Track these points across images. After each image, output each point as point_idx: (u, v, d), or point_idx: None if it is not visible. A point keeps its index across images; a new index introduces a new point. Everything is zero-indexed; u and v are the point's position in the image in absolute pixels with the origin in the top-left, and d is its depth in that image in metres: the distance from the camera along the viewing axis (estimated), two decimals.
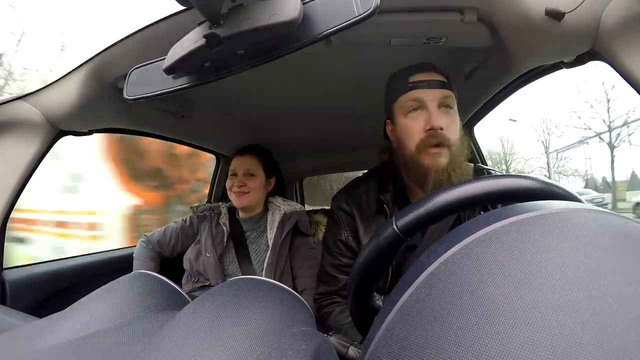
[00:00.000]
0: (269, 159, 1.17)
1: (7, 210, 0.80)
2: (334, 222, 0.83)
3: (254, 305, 0.33)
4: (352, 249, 0.80)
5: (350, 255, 0.81)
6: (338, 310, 0.80)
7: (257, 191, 1.10)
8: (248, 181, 1.08)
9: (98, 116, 0.86)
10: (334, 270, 0.82)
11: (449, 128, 0.68)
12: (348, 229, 0.80)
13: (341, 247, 0.81)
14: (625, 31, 0.52)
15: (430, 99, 0.68)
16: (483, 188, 0.34)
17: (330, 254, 0.83)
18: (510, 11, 0.60)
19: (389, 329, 0.20)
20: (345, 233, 0.80)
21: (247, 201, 1.08)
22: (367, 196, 0.80)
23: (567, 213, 0.21)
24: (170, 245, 1.13)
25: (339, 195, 0.84)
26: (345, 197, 0.82)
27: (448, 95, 0.69)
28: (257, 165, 1.11)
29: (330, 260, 0.83)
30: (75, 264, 1.08)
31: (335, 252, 0.82)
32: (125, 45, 0.68)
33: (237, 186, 1.08)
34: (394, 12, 0.63)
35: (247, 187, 1.08)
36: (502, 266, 0.18)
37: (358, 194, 0.81)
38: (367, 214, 0.78)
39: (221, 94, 1.12)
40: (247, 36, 0.39)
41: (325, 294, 0.84)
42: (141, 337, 0.31)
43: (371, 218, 0.78)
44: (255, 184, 1.09)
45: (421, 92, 0.68)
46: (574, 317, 0.14)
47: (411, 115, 0.69)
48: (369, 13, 0.37)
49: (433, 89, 0.68)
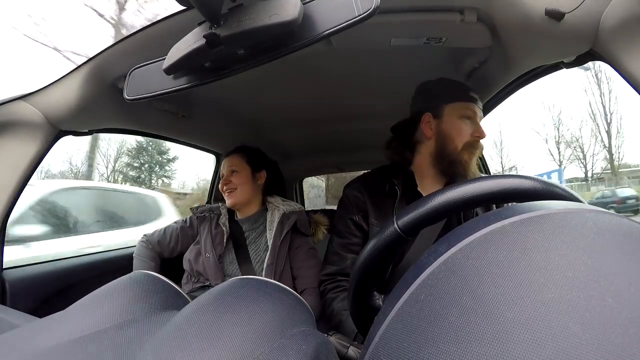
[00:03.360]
0: (254, 154, 1.17)
1: (7, 210, 0.80)
2: (344, 206, 0.90)
3: (254, 305, 0.33)
4: (360, 228, 0.86)
5: (359, 234, 0.87)
6: (342, 297, 0.82)
7: (243, 186, 1.10)
8: (233, 178, 1.10)
9: (98, 116, 0.86)
10: (342, 249, 0.87)
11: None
12: (358, 210, 0.87)
13: (350, 226, 0.87)
14: (625, 31, 0.52)
15: (478, 115, 0.86)
16: (484, 188, 0.34)
17: (339, 235, 0.89)
18: (510, 11, 0.60)
19: (388, 329, 0.20)
20: (355, 213, 0.87)
21: (235, 198, 1.09)
22: (377, 182, 0.88)
23: (567, 213, 0.21)
24: (170, 245, 1.13)
25: (351, 184, 0.92)
26: (358, 185, 0.90)
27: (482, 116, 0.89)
28: (240, 161, 1.12)
29: (338, 241, 0.88)
30: (75, 264, 1.08)
31: (345, 232, 0.87)
32: (125, 45, 0.68)
33: (223, 184, 1.10)
34: (394, 13, 0.63)
35: (233, 184, 1.09)
36: (502, 266, 0.18)
37: (369, 181, 0.90)
38: (377, 196, 0.86)
39: (221, 94, 1.12)
40: (247, 36, 0.39)
41: (331, 274, 0.87)
42: (141, 336, 0.31)
43: (380, 200, 0.86)
44: (240, 179, 1.10)
45: (476, 107, 0.85)
46: (573, 317, 0.14)
47: (466, 120, 0.84)
48: (369, 13, 0.37)
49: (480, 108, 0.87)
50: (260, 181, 1.15)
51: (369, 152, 1.78)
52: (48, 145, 0.83)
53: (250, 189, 1.12)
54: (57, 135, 0.84)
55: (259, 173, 1.15)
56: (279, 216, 1.08)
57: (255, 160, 1.15)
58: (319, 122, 1.43)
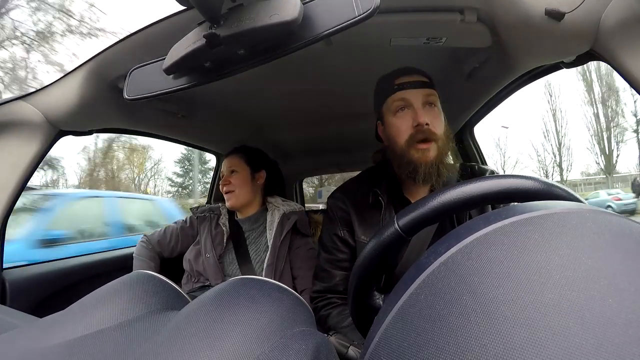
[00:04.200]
0: (253, 154, 1.16)
1: (7, 210, 0.80)
2: (329, 219, 0.86)
3: (254, 305, 0.33)
4: (347, 243, 0.83)
5: (346, 250, 0.83)
6: (335, 313, 0.80)
7: (242, 187, 1.09)
8: (232, 178, 1.09)
9: (98, 116, 0.86)
10: (329, 265, 0.83)
11: (434, 123, 0.73)
12: (343, 224, 0.83)
13: (336, 242, 0.83)
14: (625, 31, 0.52)
15: (415, 98, 0.74)
16: (484, 188, 0.34)
17: (326, 250, 0.85)
18: (510, 11, 0.60)
19: (388, 329, 0.20)
20: (340, 228, 0.83)
21: (235, 198, 1.09)
22: (361, 192, 0.83)
23: (567, 213, 0.21)
24: (170, 245, 1.13)
25: (334, 194, 0.88)
26: (340, 195, 0.86)
27: (431, 94, 0.75)
28: (239, 161, 1.12)
29: (325, 256, 0.85)
30: (75, 264, 1.08)
31: (331, 247, 0.84)
32: (125, 45, 0.68)
33: (223, 185, 1.10)
34: (394, 13, 0.63)
35: (232, 185, 1.09)
36: (502, 266, 0.18)
37: (352, 191, 0.85)
38: (362, 208, 0.81)
39: (221, 94, 1.12)
40: (247, 36, 0.39)
41: (321, 291, 0.85)
42: (142, 336, 0.31)
43: (365, 211, 0.81)
44: (239, 179, 1.10)
45: (406, 92, 0.74)
46: (574, 317, 0.14)
47: (399, 114, 0.75)
48: (368, 13, 0.37)
49: (417, 88, 0.74)
50: (260, 181, 1.15)
51: (369, 152, 1.78)
52: (48, 145, 0.83)
53: (250, 190, 1.11)
54: (57, 135, 0.84)
55: (259, 173, 1.15)
56: (279, 216, 1.08)
57: (254, 160, 1.15)
58: (319, 122, 1.43)
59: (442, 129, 0.75)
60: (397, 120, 0.75)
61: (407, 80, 0.75)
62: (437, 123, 0.74)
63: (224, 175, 1.12)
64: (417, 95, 0.74)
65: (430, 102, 0.75)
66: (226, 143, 1.49)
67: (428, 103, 0.75)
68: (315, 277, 0.87)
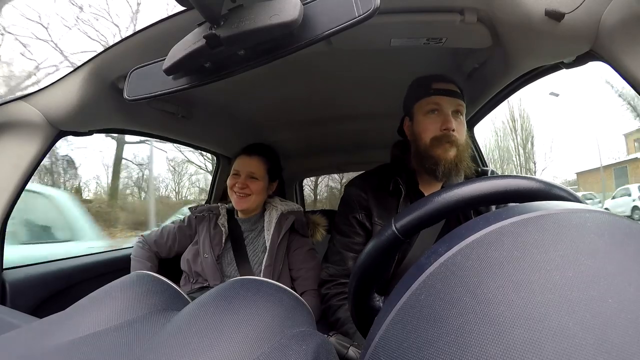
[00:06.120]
0: (275, 163, 1.14)
1: (7, 211, 0.80)
2: (346, 204, 0.89)
3: (254, 306, 0.34)
4: (363, 226, 0.85)
5: (362, 232, 0.86)
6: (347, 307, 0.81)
7: (258, 195, 1.08)
8: (250, 184, 1.05)
9: (98, 116, 0.86)
10: (344, 248, 0.86)
11: (459, 131, 0.80)
12: (361, 208, 0.86)
13: (354, 224, 0.86)
14: (625, 31, 0.52)
15: (448, 105, 0.80)
16: (481, 189, 0.34)
17: (341, 233, 0.88)
18: (510, 11, 0.60)
19: (388, 330, 0.20)
20: (358, 211, 0.86)
21: (248, 204, 1.06)
22: (380, 181, 0.87)
23: (567, 214, 0.21)
24: (168, 244, 1.12)
25: (354, 181, 0.92)
26: (359, 182, 0.90)
27: (460, 104, 0.82)
28: (262, 169, 1.08)
29: (341, 239, 0.87)
30: (75, 264, 1.08)
31: (348, 230, 0.87)
32: (125, 45, 0.68)
33: (239, 188, 1.05)
34: (394, 13, 0.63)
35: (249, 190, 1.05)
36: (502, 267, 0.18)
37: (371, 180, 0.90)
38: (380, 194, 0.85)
39: (221, 95, 1.12)
40: (247, 37, 0.39)
41: (334, 275, 0.86)
42: (142, 337, 0.31)
43: (383, 198, 0.85)
44: (258, 187, 1.06)
45: (441, 98, 0.80)
46: (574, 317, 0.14)
47: (430, 115, 0.81)
48: (368, 14, 0.36)
49: (450, 97, 0.80)
50: (272, 190, 1.15)
51: (369, 152, 1.78)
52: (48, 146, 0.83)
53: (263, 197, 1.11)
54: (57, 136, 0.84)
55: (273, 183, 1.14)
56: (277, 216, 1.08)
57: (274, 170, 1.13)
58: (319, 123, 1.43)
59: (464, 137, 0.82)
60: (427, 120, 0.81)
61: (444, 88, 0.81)
62: (461, 131, 0.81)
63: (240, 176, 1.06)
64: (450, 103, 0.80)
65: (459, 111, 0.82)
66: (226, 143, 1.49)
67: (457, 112, 0.81)
68: (326, 259, 0.90)
